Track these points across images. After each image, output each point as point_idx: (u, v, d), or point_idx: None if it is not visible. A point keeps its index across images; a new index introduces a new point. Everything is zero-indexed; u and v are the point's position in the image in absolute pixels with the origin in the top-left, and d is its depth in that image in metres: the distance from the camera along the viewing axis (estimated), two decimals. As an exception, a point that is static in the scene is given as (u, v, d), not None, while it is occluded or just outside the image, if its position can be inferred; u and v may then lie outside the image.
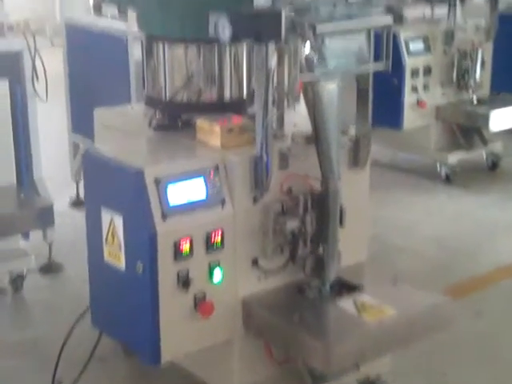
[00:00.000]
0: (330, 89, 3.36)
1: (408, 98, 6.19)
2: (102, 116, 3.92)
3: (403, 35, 6.00)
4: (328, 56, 3.25)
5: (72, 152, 6.12)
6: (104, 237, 3.35)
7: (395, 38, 5.65)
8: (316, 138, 3.43)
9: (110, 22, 5.18)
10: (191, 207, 3.26)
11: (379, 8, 3.36)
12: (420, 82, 6.20)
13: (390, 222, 5.90)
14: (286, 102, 3.50)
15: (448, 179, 6.64)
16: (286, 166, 3.46)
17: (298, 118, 3.69)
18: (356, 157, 3.67)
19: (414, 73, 6.14)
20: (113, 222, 3.30)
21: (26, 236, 4.81)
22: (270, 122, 3.27)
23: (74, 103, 5.92)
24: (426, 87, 6.24)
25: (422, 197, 6.48)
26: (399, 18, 3.37)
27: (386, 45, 3.44)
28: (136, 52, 4.96)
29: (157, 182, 3.17)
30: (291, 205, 3.44)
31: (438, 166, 6.69)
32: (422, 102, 6.25)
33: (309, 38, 3.10)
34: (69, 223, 5.61)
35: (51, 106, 5.26)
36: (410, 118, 6.29)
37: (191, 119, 3.64)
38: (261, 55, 3.19)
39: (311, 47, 3.14)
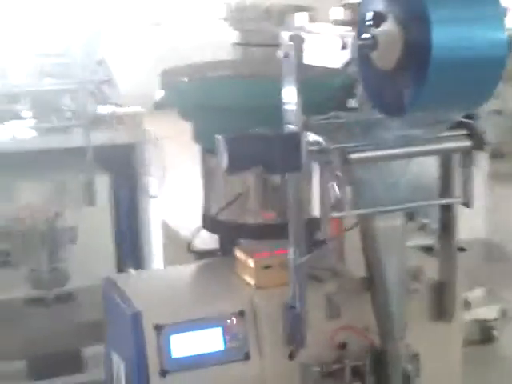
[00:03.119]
0: (389, 227, 2.63)
1: None
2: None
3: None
4: (368, 189, 2.54)
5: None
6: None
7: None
8: (371, 285, 2.71)
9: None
10: (202, 362, 2.65)
11: (459, 131, 2.60)
12: None
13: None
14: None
15: None
16: (337, 315, 2.76)
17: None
18: (439, 307, 2.87)
19: None
20: (119, 367, 2.79)
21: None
22: (304, 264, 2.61)
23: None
24: None
25: None
26: (479, 143, 2.58)
27: (463, 174, 2.66)
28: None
29: (157, 328, 2.62)
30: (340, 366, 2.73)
31: None
32: None
33: (338, 167, 2.42)
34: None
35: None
36: None
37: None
38: (292, 184, 2.56)
39: (343, 180, 2.44)
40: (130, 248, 4.44)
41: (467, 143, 2.59)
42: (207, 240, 3.23)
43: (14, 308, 4.13)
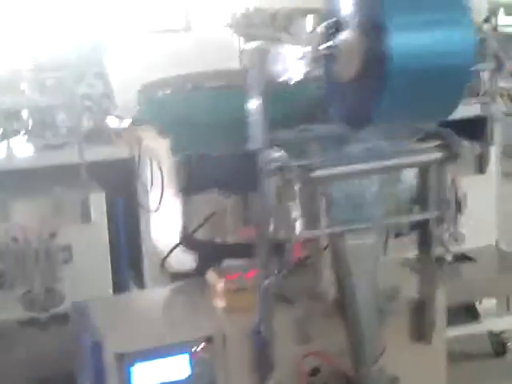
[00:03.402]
0: (360, 246, 2.50)
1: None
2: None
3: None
4: (336, 206, 2.42)
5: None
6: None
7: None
8: (341, 307, 2.58)
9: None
10: (166, 391, 2.56)
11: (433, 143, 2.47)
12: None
13: None
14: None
15: None
16: (308, 339, 2.63)
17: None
18: (419, 327, 2.73)
19: None
20: (87, 396, 2.71)
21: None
22: (270, 287, 2.49)
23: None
24: None
25: None
26: (453, 155, 2.44)
27: (438, 185, 2.52)
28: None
29: (118, 357, 2.52)
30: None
31: None
32: None
33: (301, 184, 2.31)
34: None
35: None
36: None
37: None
38: (257, 203, 2.45)
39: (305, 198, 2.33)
40: (127, 266, 4.35)
41: (439, 155, 2.45)
42: (185, 260, 3.13)
43: (8, 330, 4.07)
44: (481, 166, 4.59)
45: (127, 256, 4.33)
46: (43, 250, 4.02)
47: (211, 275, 2.77)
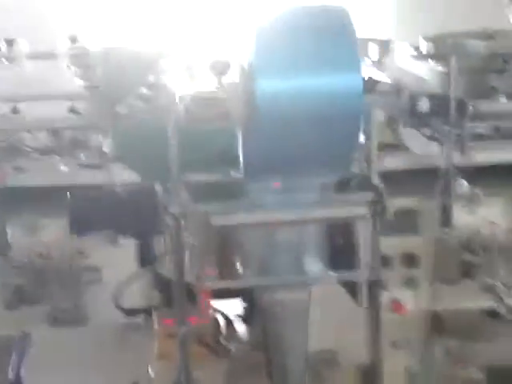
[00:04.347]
0: (290, 301, 2.28)
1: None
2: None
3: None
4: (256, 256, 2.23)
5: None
6: None
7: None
8: (268, 365, 2.37)
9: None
10: None
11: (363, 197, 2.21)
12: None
13: None
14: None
15: None
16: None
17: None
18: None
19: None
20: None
21: None
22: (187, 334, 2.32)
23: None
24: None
25: None
26: (381, 210, 2.17)
27: (366, 243, 2.25)
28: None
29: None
30: None
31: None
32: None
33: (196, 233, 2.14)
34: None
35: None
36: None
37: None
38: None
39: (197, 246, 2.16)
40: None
41: (363, 211, 2.19)
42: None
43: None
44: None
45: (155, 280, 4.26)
46: (68, 269, 4.01)
47: (155, 317, 2.64)
